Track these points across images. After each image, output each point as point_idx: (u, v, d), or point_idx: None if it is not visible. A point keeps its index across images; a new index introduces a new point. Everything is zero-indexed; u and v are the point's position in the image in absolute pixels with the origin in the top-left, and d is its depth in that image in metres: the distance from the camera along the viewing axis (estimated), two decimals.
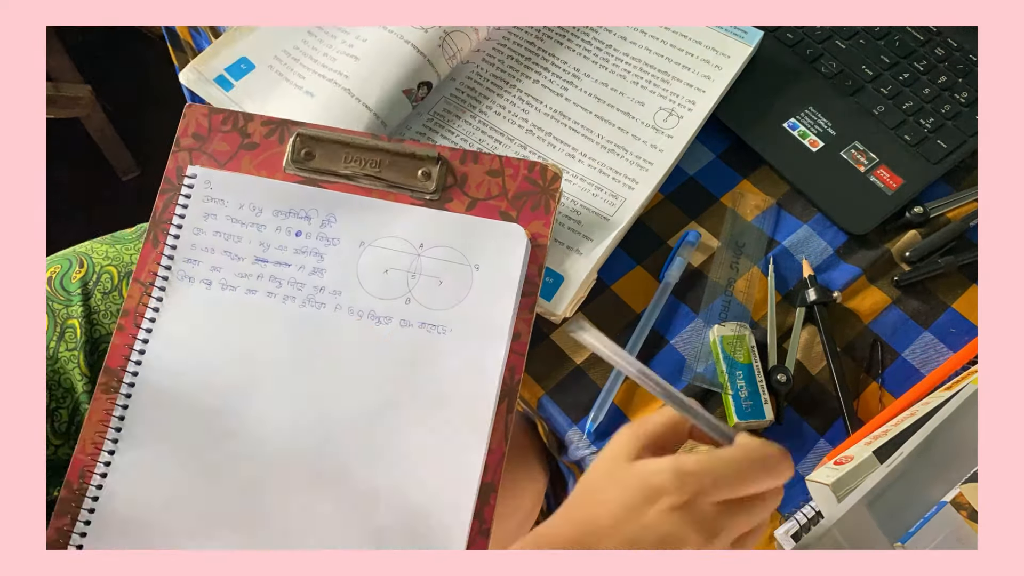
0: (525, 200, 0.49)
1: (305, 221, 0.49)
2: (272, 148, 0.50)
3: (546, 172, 0.49)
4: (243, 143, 0.51)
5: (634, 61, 0.60)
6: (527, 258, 0.47)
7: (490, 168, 0.49)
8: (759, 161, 0.59)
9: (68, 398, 0.50)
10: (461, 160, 0.49)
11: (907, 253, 0.55)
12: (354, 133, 0.50)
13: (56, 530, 0.44)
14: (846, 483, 0.40)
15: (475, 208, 0.49)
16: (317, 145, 0.50)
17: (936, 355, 0.52)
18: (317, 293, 0.48)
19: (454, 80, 0.60)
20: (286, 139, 0.50)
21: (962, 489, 0.37)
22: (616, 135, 0.57)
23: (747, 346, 0.50)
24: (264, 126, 0.51)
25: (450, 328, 0.45)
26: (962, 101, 0.60)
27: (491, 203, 0.49)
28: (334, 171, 0.49)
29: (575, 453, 0.50)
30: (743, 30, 0.60)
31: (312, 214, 0.49)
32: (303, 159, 0.50)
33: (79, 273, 0.54)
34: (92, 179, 1.38)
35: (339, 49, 0.59)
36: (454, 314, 0.47)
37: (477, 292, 0.47)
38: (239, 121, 0.51)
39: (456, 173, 0.49)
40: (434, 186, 0.49)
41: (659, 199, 0.58)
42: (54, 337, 0.51)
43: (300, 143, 0.50)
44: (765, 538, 0.46)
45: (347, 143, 0.50)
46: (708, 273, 0.55)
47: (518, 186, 0.49)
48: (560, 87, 0.59)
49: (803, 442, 0.49)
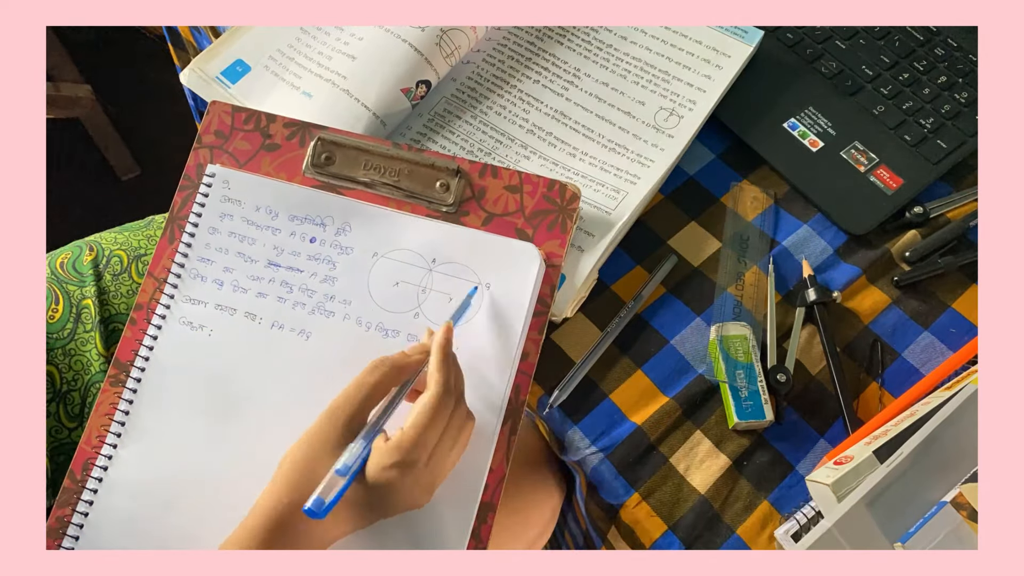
0: (542, 218, 0.48)
1: (320, 228, 0.49)
2: (293, 150, 0.51)
3: (565, 191, 0.48)
4: (264, 143, 0.51)
5: (635, 61, 0.60)
6: (540, 279, 0.47)
7: (509, 183, 0.49)
8: (759, 161, 0.59)
9: (80, 380, 0.50)
10: (480, 174, 0.49)
11: (907, 253, 0.55)
12: (375, 140, 0.50)
13: (56, 519, 0.45)
14: (846, 483, 0.40)
15: (491, 223, 0.48)
16: (337, 150, 0.50)
17: (936, 355, 0.52)
18: (327, 301, 0.48)
19: (454, 80, 0.60)
20: (307, 142, 0.50)
21: (962, 489, 0.37)
22: (617, 134, 0.57)
23: (747, 346, 0.50)
24: (286, 128, 0.51)
25: (457, 346, 0.45)
26: (962, 101, 0.60)
27: (507, 219, 0.49)
28: (353, 177, 0.50)
29: (576, 454, 0.50)
30: (743, 30, 0.60)
31: (328, 221, 0.49)
32: (323, 163, 0.50)
33: (89, 256, 0.55)
34: (92, 179, 1.38)
35: (334, 47, 0.59)
36: (462, 331, 0.46)
37: (486, 311, 0.47)
38: (261, 121, 0.51)
39: (474, 186, 0.49)
40: (452, 199, 0.49)
41: (659, 199, 0.58)
42: (70, 319, 0.51)
43: (321, 147, 0.50)
44: (766, 539, 0.46)
45: (367, 150, 0.50)
46: (708, 273, 0.55)
47: (536, 203, 0.48)
48: (561, 87, 0.59)
49: (803, 442, 0.49)
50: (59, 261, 0.55)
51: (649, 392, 0.51)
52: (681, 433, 0.50)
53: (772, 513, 0.47)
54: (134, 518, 0.45)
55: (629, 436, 0.49)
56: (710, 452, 0.49)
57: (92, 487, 0.45)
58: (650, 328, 0.53)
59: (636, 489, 0.48)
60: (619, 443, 0.49)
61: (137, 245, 0.57)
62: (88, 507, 0.45)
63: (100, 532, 0.45)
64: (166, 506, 0.45)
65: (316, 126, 0.51)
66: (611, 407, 0.50)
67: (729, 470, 0.48)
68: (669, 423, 0.50)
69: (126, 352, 0.48)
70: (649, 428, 0.49)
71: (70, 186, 1.36)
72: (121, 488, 0.45)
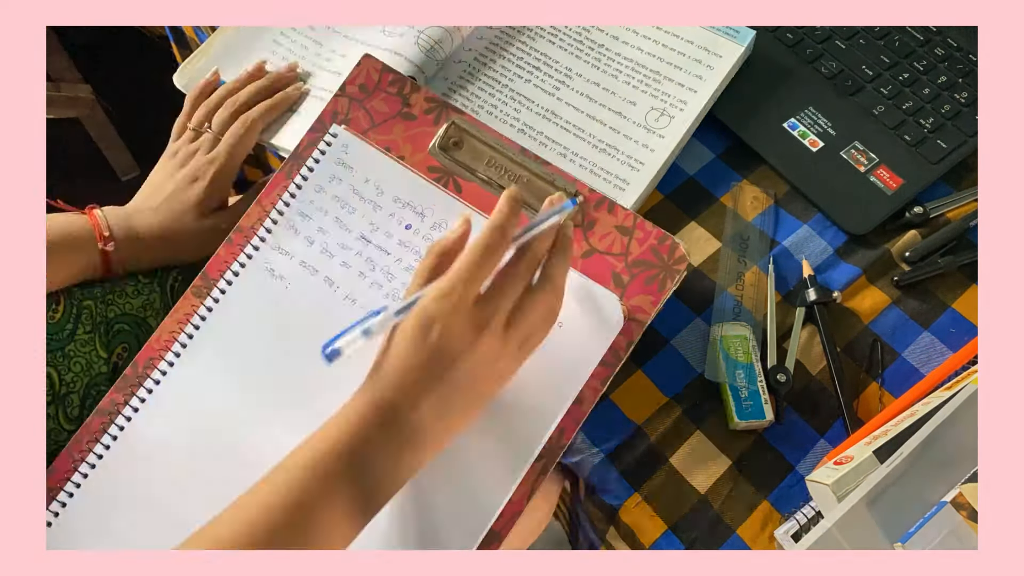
0: (643, 270, 0.46)
1: (419, 217, 0.49)
2: (426, 126, 0.51)
3: (675, 250, 0.46)
4: (401, 111, 0.51)
5: (626, 61, 0.60)
6: (616, 334, 0.45)
7: (621, 224, 0.47)
8: (759, 161, 0.59)
9: (79, 382, 0.50)
10: (596, 205, 0.48)
11: (907, 253, 0.55)
12: (506, 141, 0.50)
13: (110, 401, 0.47)
14: (846, 483, 0.40)
15: (591, 258, 0.47)
16: (467, 139, 0.50)
17: (936, 355, 0.52)
18: (403, 289, 0.48)
19: (446, 79, 0.60)
20: (442, 122, 0.50)
21: (962, 489, 0.37)
22: (608, 135, 0.57)
23: (747, 346, 0.50)
24: (427, 102, 0.51)
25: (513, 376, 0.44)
26: (962, 101, 0.60)
27: (609, 259, 0.47)
28: (473, 170, 0.49)
29: (575, 455, 0.50)
30: (735, 30, 0.60)
31: (428, 212, 0.49)
32: (450, 147, 0.50)
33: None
34: (92, 179, 1.38)
35: (317, 64, 0.59)
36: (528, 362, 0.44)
37: (552, 349, 0.44)
38: (406, 87, 0.51)
39: (586, 216, 0.48)
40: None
41: (659, 199, 0.58)
42: (70, 319, 0.51)
43: (453, 131, 0.50)
44: (766, 539, 0.46)
45: (495, 148, 0.50)
46: (708, 273, 0.55)
47: (641, 253, 0.47)
48: (552, 87, 0.59)
49: (803, 442, 0.49)
50: None
51: (649, 392, 0.51)
52: (681, 433, 0.50)
53: (772, 513, 0.47)
54: (166, 444, 0.46)
55: (629, 436, 0.49)
56: (710, 452, 0.49)
57: (148, 386, 0.47)
58: (650, 328, 0.53)
59: (636, 489, 0.48)
60: (619, 443, 0.49)
61: None
62: (140, 403, 0.47)
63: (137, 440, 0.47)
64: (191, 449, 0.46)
65: (456, 109, 0.51)
66: (611, 407, 0.50)
67: (729, 470, 0.48)
68: (669, 423, 0.50)
69: (215, 269, 0.49)
70: (649, 428, 0.49)
71: (70, 186, 1.36)
72: (164, 406, 0.47)
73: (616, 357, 0.45)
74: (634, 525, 0.48)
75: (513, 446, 0.44)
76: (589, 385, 0.45)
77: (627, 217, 0.47)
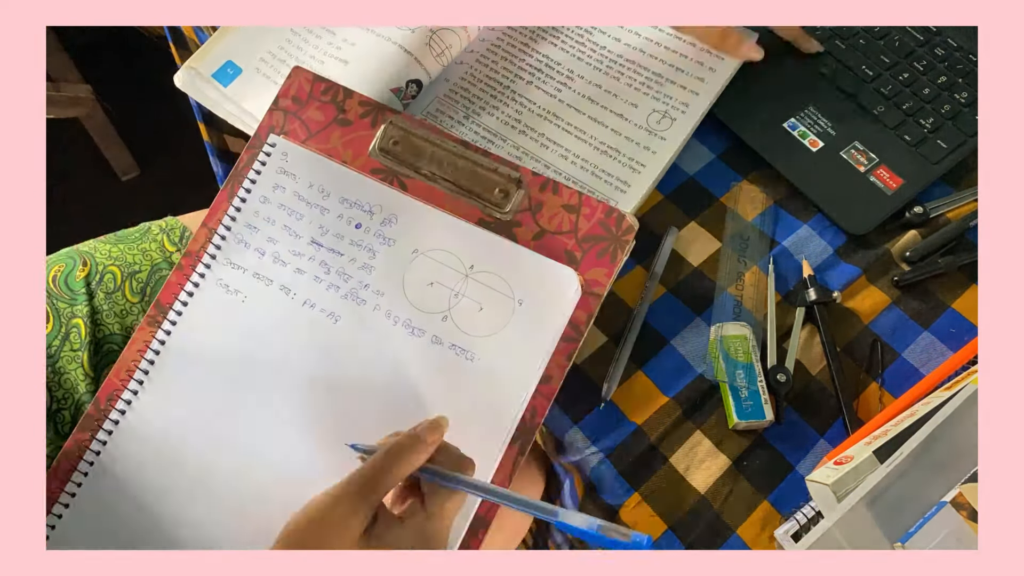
0: (593, 244, 0.47)
1: (367, 215, 0.49)
2: (363, 129, 0.51)
3: (622, 221, 0.47)
4: (337, 117, 0.51)
5: (628, 63, 0.60)
6: (574, 305, 0.46)
7: (567, 202, 0.48)
8: (759, 161, 0.59)
9: (69, 399, 0.50)
10: (541, 187, 0.49)
11: (907, 253, 0.55)
12: (446, 136, 0.50)
13: (75, 442, 0.47)
14: (846, 483, 0.40)
15: (542, 239, 0.48)
16: (406, 138, 0.50)
17: (936, 355, 0.52)
18: (361, 289, 0.48)
19: (447, 80, 0.60)
20: (379, 124, 0.50)
21: (962, 489, 0.37)
22: (609, 137, 0.57)
23: (747, 346, 0.50)
24: (361, 106, 0.51)
25: (479, 357, 0.44)
26: (962, 101, 0.60)
27: (559, 238, 0.48)
28: (416, 167, 0.49)
29: (575, 455, 0.50)
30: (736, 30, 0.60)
31: (376, 210, 0.49)
32: (390, 147, 0.50)
33: (82, 272, 0.54)
34: (92, 179, 1.38)
35: (327, 52, 0.59)
36: (486, 343, 0.46)
37: (514, 328, 0.46)
38: (339, 95, 0.51)
39: (532, 199, 0.48)
40: (509, 207, 0.48)
41: (659, 199, 0.58)
42: (58, 336, 0.51)
43: (391, 131, 0.50)
44: (766, 539, 0.46)
45: (435, 144, 0.50)
46: (708, 273, 0.55)
47: (590, 228, 0.48)
48: (553, 88, 0.59)
49: (803, 442, 0.49)
50: (52, 275, 0.54)
51: (649, 392, 0.51)
52: (681, 433, 0.50)
53: (772, 513, 0.47)
54: (143, 465, 0.46)
55: (629, 436, 0.49)
56: (710, 452, 0.49)
57: (114, 418, 0.47)
58: (650, 328, 0.53)
59: (636, 489, 0.48)
60: (619, 443, 0.49)
61: (132, 260, 0.56)
62: (107, 436, 0.47)
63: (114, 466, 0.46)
64: (173, 462, 0.46)
65: (391, 109, 0.51)
66: (611, 407, 0.50)
67: (729, 470, 0.48)
68: (669, 423, 0.50)
69: (168, 296, 0.49)
70: (649, 428, 0.49)
71: (70, 186, 1.36)
72: (136, 431, 0.47)
73: (577, 332, 0.46)
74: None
75: (486, 426, 0.44)
76: (555, 361, 0.45)
77: (571, 196, 0.48)
